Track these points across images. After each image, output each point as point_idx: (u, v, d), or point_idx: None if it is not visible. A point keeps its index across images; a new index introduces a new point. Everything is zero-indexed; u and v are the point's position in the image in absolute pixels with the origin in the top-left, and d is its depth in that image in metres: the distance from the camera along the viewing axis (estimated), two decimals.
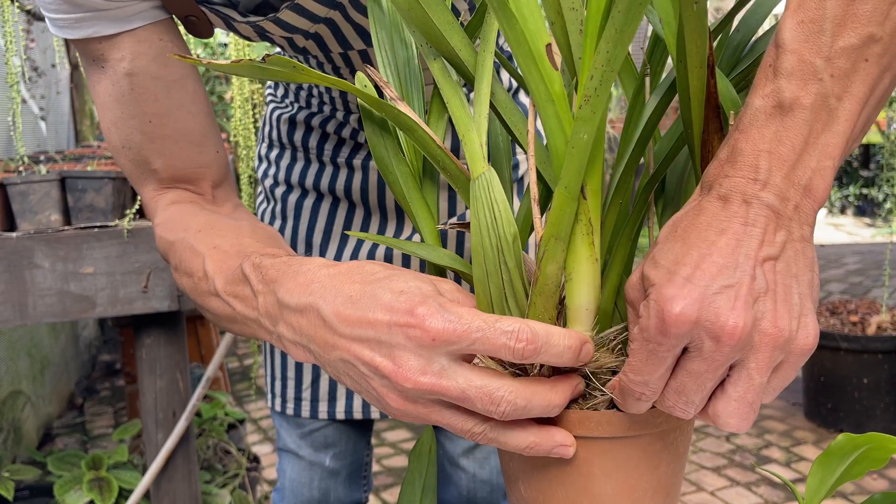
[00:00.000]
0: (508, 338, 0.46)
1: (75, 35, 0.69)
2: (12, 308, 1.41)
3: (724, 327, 0.42)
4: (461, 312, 0.47)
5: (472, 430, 0.49)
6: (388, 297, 0.48)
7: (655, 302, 0.44)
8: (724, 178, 0.45)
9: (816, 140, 0.44)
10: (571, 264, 0.50)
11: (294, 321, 0.53)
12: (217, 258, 0.64)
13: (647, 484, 0.53)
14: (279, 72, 0.53)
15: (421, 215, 0.61)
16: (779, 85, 0.44)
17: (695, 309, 0.42)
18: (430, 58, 0.56)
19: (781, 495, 2.44)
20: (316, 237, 1.02)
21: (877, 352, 2.75)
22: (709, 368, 0.44)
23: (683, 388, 0.46)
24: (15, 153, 1.68)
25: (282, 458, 1.17)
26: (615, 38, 0.44)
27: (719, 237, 0.44)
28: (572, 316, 0.51)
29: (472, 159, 0.52)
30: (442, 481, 1.15)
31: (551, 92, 0.49)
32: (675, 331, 0.43)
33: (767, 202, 0.44)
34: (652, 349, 0.44)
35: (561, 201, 0.48)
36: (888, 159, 2.89)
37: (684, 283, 0.43)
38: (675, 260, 0.44)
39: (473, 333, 0.46)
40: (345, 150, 0.99)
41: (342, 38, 0.79)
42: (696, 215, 0.46)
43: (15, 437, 2.59)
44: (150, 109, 0.71)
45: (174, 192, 0.75)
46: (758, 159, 0.44)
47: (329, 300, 0.51)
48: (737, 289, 0.43)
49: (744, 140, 0.45)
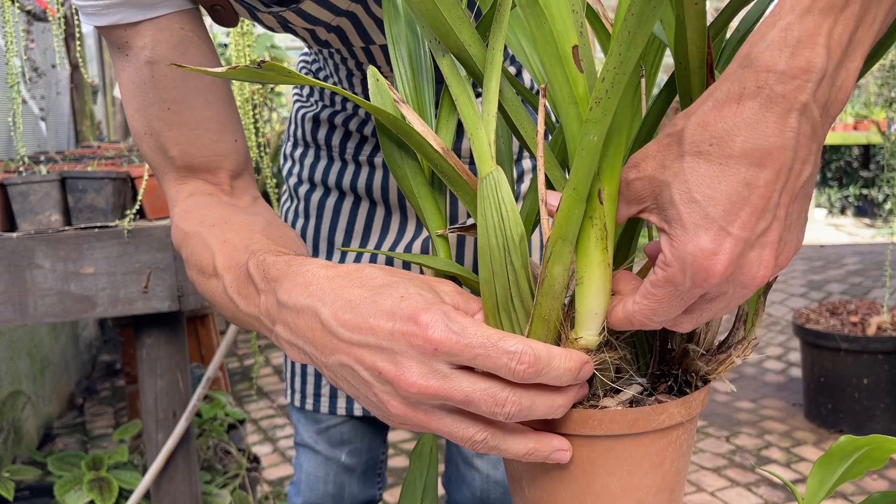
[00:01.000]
0: (510, 358, 0.46)
1: (102, 22, 0.71)
2: (13, 308, 1.41)
3: (754, 278, 0.43)
4: (465, 324, 0.47)
5: (474, 438, 0.49)
6: (390, 302, 0.48)
7: (692, 256, 0.43)
8: (780, 76, 0.40)
9: (859, 36, 0.41)
10: (583, 268, 0.50)
11: (291, 321, 0.53)
12: (227, 253, 0.65)
13: (651, 482, 0.53)
14: (274, 77, 0.53)
15: (429, 210, 0.60)
16: None
17: (732, 265, 0.43)
18: (440, 54, 0.55)
19: (781, 496, 2.44)
20: (338, 236, 1.04)
21: (877, 352, 2.75)
22: (727, 306, 0.46)
23: (699, 317, 0.47)
24: (15, 153, 1.68)
25: (299, 452, 1.18)
26: (627, 41, 0.44)
27: (760, 171, 0.41)
28: (581, 319, 0.51)
29: (479, 158, 0.52)
30: (455, 482, 1.16)
31: (575, 94, 0.49)
32: (710, 283, 0.43)
33: (812, 115, 0.41)
34: (679, 294, 0.45)
35: (569, 203, 0.48)
36: (888, 160, 2.89)
37: (724, 236, 0.42)
38: (710, 197, 0.42)
39: (476, 349, 0.46)
40: (367, 148, 1.00)
41: (364, 32, 0.80)
42: (735, 117, 0.41)
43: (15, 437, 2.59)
44: (169, 96, 0.73)
45: (193, 184, 0.76)
46: (814, 54, 0.40)
47: (328, 303, 0.50)
48: (769, 234, 0.43)
49: (799, 27, 0.40)
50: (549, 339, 0.51)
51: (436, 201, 0.61)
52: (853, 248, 5.79)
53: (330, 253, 1.04)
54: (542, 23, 0.48)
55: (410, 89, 0.61)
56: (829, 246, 5.92)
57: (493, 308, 0.52)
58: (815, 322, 2.92)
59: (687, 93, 0.53)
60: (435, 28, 0.54)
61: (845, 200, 7.08)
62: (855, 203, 7.03)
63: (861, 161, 6.91)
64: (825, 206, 7.20)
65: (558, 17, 0.48)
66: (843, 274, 4.94)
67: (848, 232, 6.51)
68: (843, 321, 2.90)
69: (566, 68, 0.49)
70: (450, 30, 0.53)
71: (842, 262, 5.26)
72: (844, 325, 2.87)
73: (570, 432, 0.51)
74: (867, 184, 6.84)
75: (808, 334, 2.87)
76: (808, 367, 2.94)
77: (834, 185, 7.25)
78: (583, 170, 0.47)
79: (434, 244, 0.61)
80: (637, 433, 0.51)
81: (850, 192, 6.95)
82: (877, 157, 6.72)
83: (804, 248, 5.57)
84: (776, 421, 3.02)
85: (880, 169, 5.07)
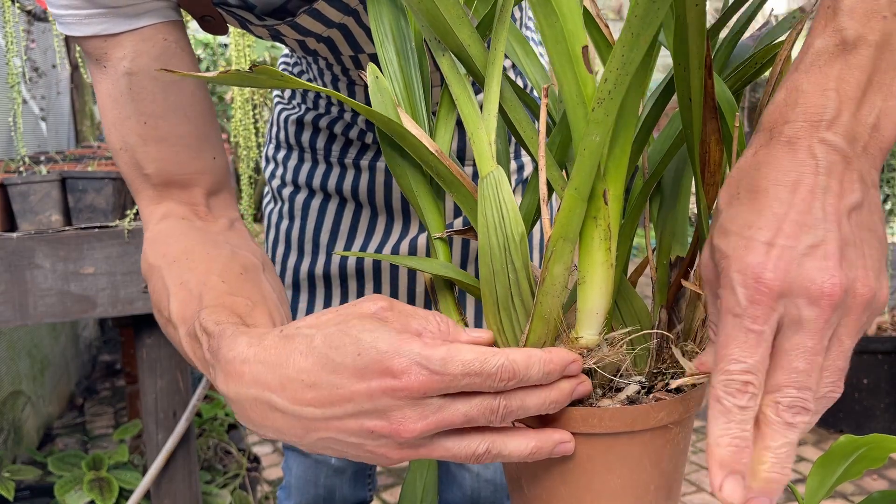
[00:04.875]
0: (493, 379, 0.46)
1: (82, 32, 0.68)
2: (13, 308, 1.41)
3: (822, 289, 0.39)
4: (443, 358, 0.45)
5: (476, 451, 0.49)
6: (350, 361, 0.45)
7: (739, 273, 0.41)
8: (786, 124, 0.42)
9: (882, 78, 0.42)
10: (586, 268, 0.50)
11: (245, 413, 0.49)
12: (181, 299, 0.62)
13: (650, 479, 0.53)
14: (266, 80, 0.52)
15: (428, 209, 0.60)
16: (840, 23, 0.42)
17: (785, 273, 0.40)
18: (439, 52, 0.55)
19: (781, 496, 2.44)
20: (323, 237, 1.03)
21: (877, 352, 2.75)
22: (814, 339, 0.40)
23: (796, 373, 0.41)
24: (16, 153, 1.68)
25: (288, 456, 1.18)
26: (631, 43, 0.44)
27: (793, 193, 0.41)
28: (582, 319, 0.51)
29: (480, 158, 0.52)
30: (446, 481, 1.16)
31: (584, 94, 0.49)
32: (767, 298, 0.40)
33: (836, 145, 0.41)
34: (746, 326, 0.41)
35: (571, 202, 0.48)
36: (888, 159, 2.89)
37: (767, 248, 0.40)
38: (747, 224, 0.41)
39: (462, 380, 0.45)
40: (352, 151, 0.99)
41: (354, 42, 0.79)
42: (759, 168, 0.42)
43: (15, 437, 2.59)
44: (147, 110, 0.70)
45: (167, 205, 0.73)
46: (823, 98, 0.41)
47: (277, 389, 0.47)
48: (825, 247, 0.40)
49: (806, 80, 0.42)
50: (549, 338, 0.51)
51: (435, 202, 0.60)
52: None
53: (315, 254, 1.03)
54: (553, 22, 0.48)
55: (401, 88, 0.60)
56: None
57: (494, 307, 0.52)
58: None
59: (686, 94, 0.53)
60: (434, 27, 0.54)
61: None
62: None
63: None
64: None
65: (569, 16, 0.48)
66: None
67: None
68: None
69: (576, 68, 0.49)
70: (449, 29, 0.53)
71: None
72: None
73: (570, 431, 0.51)
74: None
75: None
76: None
77: None
78: (585, 169, 0.47)
79: (433, 246, 0.60)
80: (636, 431, 0.51)
81: None
82: None
83: None
84: None
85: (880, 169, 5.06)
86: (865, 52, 0.41)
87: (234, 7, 0.73)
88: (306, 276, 1.03)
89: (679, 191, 0.60)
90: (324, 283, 1.03)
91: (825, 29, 0.43)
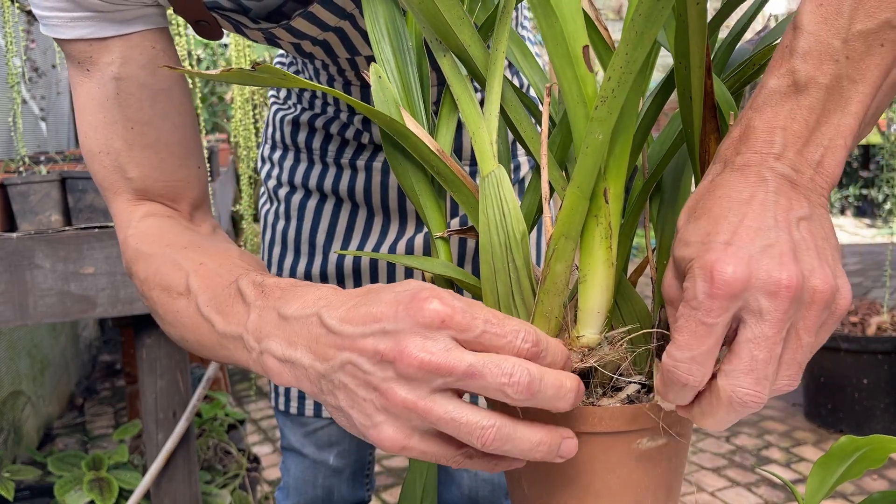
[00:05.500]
0: (515, 335, 0.45)
1: (67, 35, 0.67)
2: (13, 308, 1.41)
3: (779, 282, 0.42)
4: (472, 301, 0.46)
5: (482, 423, 0.46)
6: (391, 294, 0.47)
7: (700, 268, 0.43)
8: (738, 155, 0.46)
9: (829, 119, 0.45)
10: (587, 266, 0.50)
11: (291, 332, 0.51)
12: (204, 274, 0.62)
13: (650, 480, 0.53)
14: (269, 79, 0.53)
15: (430, 208, 0.60)
16: (794, 65, 0.45)
17: (744, 268, 0.42)
18: (440, 53, 0.55)
19: (781, 496, 2.44)
20: (319, 237, 1.03)
21: (877, 352, 2.75)
22: (773, 329, 0.43)
23: (755, 362, 0.43)
24: (15, 154, 1.68)
25: (286, 457, 1.17)
26: (635, 41, 0.44)
27: (747, 205, 0.44)
28: (583, 318, 0.51)
29: (481, 157, 0.53)
30: (444, 480, 1.16)
31: (584, 94, 0.49)
32: (725, 291, 0.42)
33: (782, 172, 0.44)
34: (701, 317, 0.43)
35: (573, 200, 0.48)
36: (888, 160, 2.89)
37: (726, 247, 0.43)
38: (706, 233, 0.44)
39: (483, 324, 0.45)
40: (348, 151, 0.99)
41: (350, 44, 0.79)
42: (714, 191, 0.46)
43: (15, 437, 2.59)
44: (134, 116, 0.70)
45: (149, 205, 0.73)
46: (772, 135, 0.45)
47: (334, 308, 0.49)
48: (779, 246, 0.43)
49: (758, 118, 0.46)
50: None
51: (437, 201, 0.60)
52: (853, 249, 5.79)
53: (312, 254, 1.03)
54: (552, 23, 0.48)
55: (399, 87, 0.60)
56: None
57: (495, 306, 0.52)
58: None
59: (686, 92, 0.53)
60: (435, 27, 0.54)
61: (845, 200, 7.08)
62: (855, 203, 7.03)
63: (861, 161, 6.91)
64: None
65: (569, 17, 0.49)
66: None
67: (848, 232, 6.51)
68: (843, 321, 2.90)
69: (576, 68, 0.49)
70: (450, 30, 0.53)
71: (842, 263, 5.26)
72: (844, 325, 2.87)
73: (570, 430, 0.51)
74: (867, 184, 6.84)
75: None
76: (807, 367, 2.94)
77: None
78: (587, 168, 0.47)
79: (434, 245, 0.60)
80: (636, 430, 0.51)
81: (850, 193, 6.95)
82: (876, 157, 6.72)
83: None
84: (776, 421, 3.02)
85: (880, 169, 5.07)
86: (815, 94, 0.45)
87: (228, 11, 0.72)
88: (303, 276, 1.04)
89: (679, 190, 0.60)
90: (320, 283, 1.03)
91: (780, 69, 0.46)
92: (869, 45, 0.44)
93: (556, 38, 0.49)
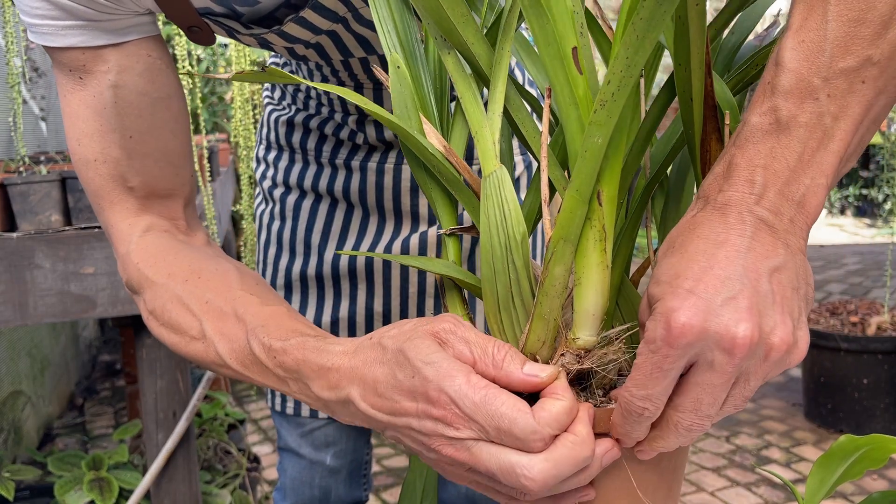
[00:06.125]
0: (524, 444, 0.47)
1: (60, 43, 0.66)
2: (13, 308, 1.41)
3: (734, 338, 0.43)
4: (473, 401, 0.47)
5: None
6: (408, 382, 0.49)
7: (661, 314, 0.44)
8: (720, 193, 0.46)
9: (811, 157, 0.45)
10: (582, 269, 0.50)
11: (331, 406, 0.56)
12: (214, 318, 0.63)
13: (650, 480, 0.53)
14: (279, 79, 0.53)
15: (440, 202, 0.60)
16: (776, 103, 0.45)
17: (700, 319, 0.43)
18: (444, 50, 0.55)
19: (781, 496, 2.44)
20: (314, 237, 1.02)
21: (877, 352, 2.75)
22: (722, 381, 0.44)
23: (699, 403, 0.46)
24: (16, 153, 1.68)
25: (282, 458, 1.17)
26: (635, 45, 0.44)
27: (718, 249, 0.44)
28: (579, 320, 0.51)
29: (483, 157, 0.52)
30: (442, 480, 1.16)
31: (575, 95, 0.49)
32: (681, 341, 0.43)
33: (761, 216, 0.45)
34: (657, 361, 0.44)
35: (571, 203, 0.48)
36: (888, 160, 2.89)
37: (688, 295, 0.43)
38: (675, 274, 0.45)
39: (489, 431, 0.47)
40: (343, 152, 0.99)
41: (343, 47, 0.79)
42: (693, 228, 0.46)
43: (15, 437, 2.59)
44: (133, 125, 0.70)
45: (148, 218, 0.73)
46: (753, 174, 0.45)
47: (358, 395, 0.52)
48: (741, 300, 0.43)
49: (740, 155, 0.46)
50: (548, 339, 0.51)
51: (447, 197, 0.60)
52: (853, 248, 5.79)
53: (307, 255, 1.03)
54: (544, 23, 0.48)
55: (409, 83, 0.59)
56: (828, 246, 5.92)
57: (495, 306, 0.52)
58: (814, 322, 2.92)
59: (686, 94, 0.53)
60: (439, 25, 0.54)
61: (845, 200, 7.07)
62: (855, 203, 7.03)
63: (861, 161, 6.91)
64: (825, 206, 7.18)
65: (559, 18, 0.48)
66: (843, 274, 4.94)
67: (848, 232, 6.51)
68: (843, 321, 2.90)
69: (567, 69, 0.49)
70: (453, 27, 0.53)
71: (842, 262, 5.26)
72: (844, 325, 2.87)
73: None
74: (867, 184, 6.84)
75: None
76: (807, 367, 2.94)
77: (835, 184, 7.23)
78: (585, 171, 0.47)
79: (444, 242, 0.61)
80: None
81: (850, 192, 6.95)
82: (876, 157, 6.71)
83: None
84: (776, 421, 3.02)
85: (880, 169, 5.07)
86: (797, 132, 0.45)
87: (220, 16, 0.72)
88: (298, 276, 1.03)
89: (681, 191, 0.60)
90: (316, 283, 1.03)
91: (762, 106, 0.46)
92: (850, 82, 0.44)
93: (547, 38, 0.49)
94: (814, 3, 0.45)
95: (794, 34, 0.45)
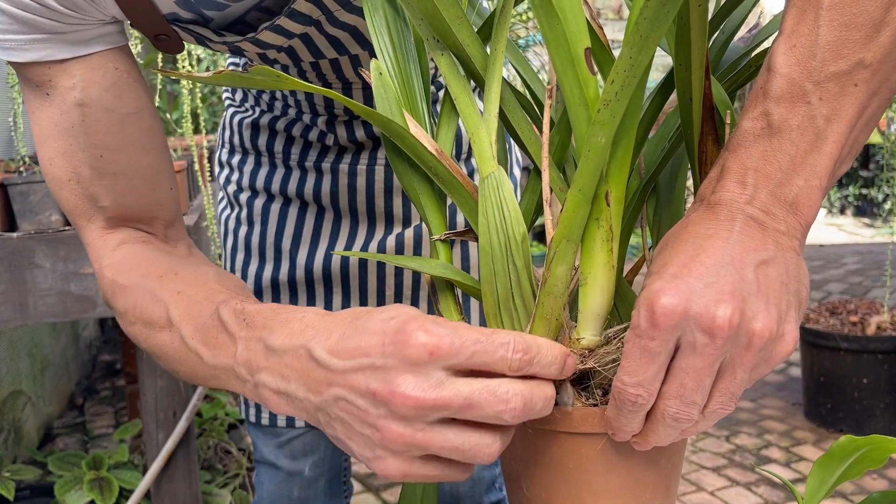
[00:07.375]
0: (505, 349, 0.45)
1: (23, 58, 0.63)
2: (13, 308, 1.41)
3: (714, 319, 0.43)
4: (456, 325, 0.46)
5: (482, 443, 0.47)
6: (377, 324, 0.47)
7: (645, 298, 0.45)
8: (713, 194, 0.47)
9: (804, 160, 0.45)
10: (588, 269, 0.50)
11: (282, 365, 0.51)
12: (183, 304, 0.61)
13: (649, 479, 0.53)
14: (262, 81, 0.52)
15: (430, 208, 0.60)
16: (768, 107, 0.46)
17: (682, 300, 0.43)
18: (438, 52, 0.55)
19: (781, 495, 2.44)
20: (285, 242, 0.99)
21: (877, 352, 2.75)
22: (705, 364, 0.45)
23: (683, 388, 0.46)
24: (16, 153, 1.68)
25: (259, 471, 1.12)
26: (639, 45, 0.44)
27: (706, 241, 0.45)
28: (583, 320, 0.51)
29: (480, 158, 0.52)
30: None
31: (586, 96, 0.49)
32: (664, 322, 0.44)
33: (752, 214, 0.45)
34: (644, 345, 0.45)
35: (574, 203, 0.48)
36: (888, 159, 2.89)
37: (671, 279, 0.44)
38: (663, 263, 0.46)
39: (472, 346, 0.45)
40: (312, 154, 0.97)
41: (315, 49, 0.77)
42: (686, 226, 0.47)
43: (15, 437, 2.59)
44: (102, 143, 0.67)
45: (123, 232, 0.71)
46: (745, 176, 0.46)
47: (321, 340, 0.49)
48: (723, 283, 0.44)
49: (732, 159, 0.47)
50: (550, 339, 0.51)
51: (438, 202, 0.60)
52: (853, 248, 5.79)
53: (278, 259, 1.00)
54: (554, 24, 0.48)
55: (399, 85, 0.59)
56: (828, 245, 5.92)
57: (495, 307, 0.52)
58: (814, 322, 2.92)
59: (686, 95, 0.53)
60: (433, 26, 0.53)
61: (845, 200, 7.07)
62: (854, 203, 7.03)
63: (860, 161, 6.91)
64: (825, 205, 7.20)
65: (571, 18, 0.48)
66: (843, 273, 4.94)
67: (848, 231, 6.51)
68: (843, 321, 2.90)
69: (578, 70, 0.49)
70: (448, 29, 0.53)
71: (841, 262, 5.26)
72: (844, 324, 2.87)
73: (570, 430, 0.52)
74: (867, 183, 6.84)
75: (807, 334, 2.87)
76: (807, 366, 2.94)
77: (833, 185, 7.24)
78: (589, 171, 0.47)
79: (434, 247, 0.60)
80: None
81: (850, 192, 6.95)
82: (876, 157, 6.71)
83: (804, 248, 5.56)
84: (776, 420, 3.02)
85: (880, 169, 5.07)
86: (788, 135, 0.45)
87: (188, 23, 0.69)
88: (269, 283, 1.00)
89: (674, 191, 0.60)
90: (289, 289, 1.00)
91: (754, 110, 0.47)
92: (842, 85, 0.45)
93: (557, 39, 0.48)
94: (805, 7, 0.45)
95: (786, 39, 0.46)
